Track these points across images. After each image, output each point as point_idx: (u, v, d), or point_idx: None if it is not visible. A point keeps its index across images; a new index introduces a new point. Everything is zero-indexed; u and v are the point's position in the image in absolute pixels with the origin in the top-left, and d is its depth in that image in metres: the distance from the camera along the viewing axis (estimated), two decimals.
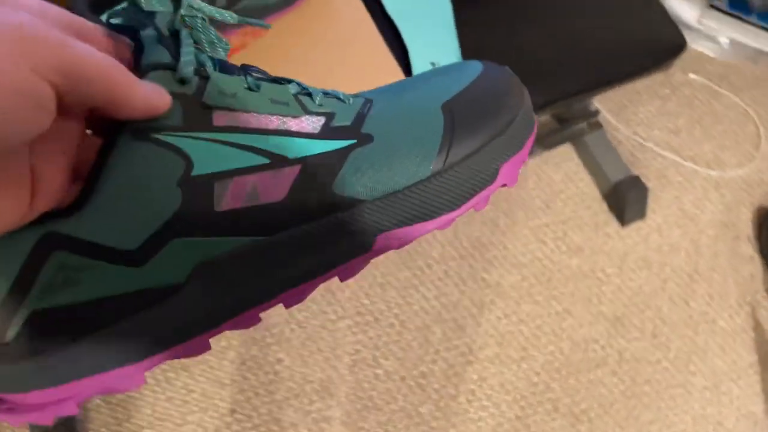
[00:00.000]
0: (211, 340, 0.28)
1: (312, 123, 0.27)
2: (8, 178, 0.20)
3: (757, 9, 1.21)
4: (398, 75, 0.59)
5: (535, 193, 1.18)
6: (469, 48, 0.66)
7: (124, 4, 0.25)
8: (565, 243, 1.15)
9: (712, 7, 1.25)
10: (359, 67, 0.58)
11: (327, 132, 0.27)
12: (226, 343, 0.97)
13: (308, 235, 0.26)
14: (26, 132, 0.19)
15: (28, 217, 0.22)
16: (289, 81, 0.28)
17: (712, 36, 1.28)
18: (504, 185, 0.30)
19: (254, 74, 0.27)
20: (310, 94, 0.28)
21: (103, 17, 0.26)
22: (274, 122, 0.26)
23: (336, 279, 0.31)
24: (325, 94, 0.29)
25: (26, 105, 0.18)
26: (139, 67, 0.24)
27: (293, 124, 0.26)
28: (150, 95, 0.22)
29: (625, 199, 1.16)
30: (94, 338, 0.24)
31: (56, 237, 0.22)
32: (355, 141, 0.27)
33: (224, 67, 0.26)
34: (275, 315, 1.00)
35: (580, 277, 1.14)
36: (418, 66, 0.61)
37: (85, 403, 0.27)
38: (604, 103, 1.27)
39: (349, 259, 0.27)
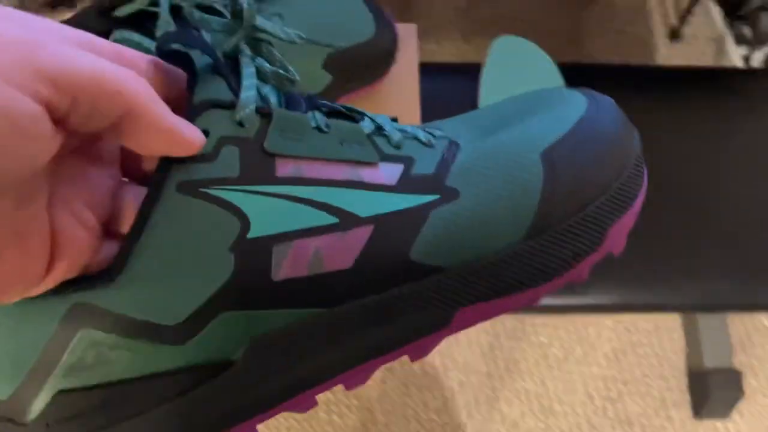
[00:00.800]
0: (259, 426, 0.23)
1: (388, 172, 0.23)
2: (18, 229, 0.17)
3: None
4: None
5: (605, 334, 0.96)
6: None
7: (171, 27, 0.25)
8: (616, 408, 0.94)
9: None
10: None
11: (406, 183, 0.23)
12: None
13: (377, 307, 0.23)
14: (10, 165, 0.15)
15: (48, 282, 0.19)
16: (362, 114, 0.25)
17: None
18: (610, 252, 0.27)
19: (323, 108, 0.24)
20: (386, 134, 0.25)
21: (149, 42, 0.25)
22: (345, 171, 0.23)
23: None
24: (403, 132, 0.25)
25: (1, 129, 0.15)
26: (191, 102, 0.21)
27: (367, 174, 0.23)
28: (177, 123, 0.19)
29: (711, 392, 0.92)
30: (126, 426, 0.21)
31: (87, 309, 0.20)
32: (438, 197, 0.24)
33: (289, 101, 0.24)
34: None
35: None
36: None
37: None
38: None
39: (424, 336, 0.24)
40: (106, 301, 0.20)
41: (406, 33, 0.49)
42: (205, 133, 0.21)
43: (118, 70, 0.18)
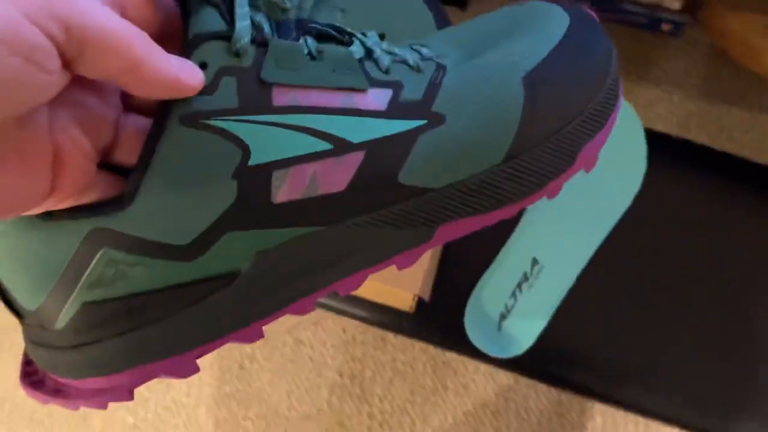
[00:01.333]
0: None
1: (378, 97, 0.24)
2: (20, 148, 0.19)
3: None
4: None
5: None
6: None
7: None
8: None
9: None
10: None
11: (394, 109, 0.25)
12: None
13: (369, 225, 0.25)
14: (22, 93, 0.17)
15: (50, 201, 0.21)
16: (351, 36, 0.26)
17: None
18: (581, 168, 0.28)
19: (312, 31, 0.25)
20: (375, 59, 0.25)
21: None
22: (339, 99, 0.24)
23: None
24: (392, 56, 0.26)
25: (17, 57, 0.16)
26: (186, 36, 0.22)
27: (358, 100, 0.24)
28: (177, 72, 0.20)
29: None
30: (147, 330, 0.23)
31: (104, 233, 0.22)
32: (425, 122, 0.25)
33: (280, 28, 0.24)
34: None
35: None
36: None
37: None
38: None
39: (410, 249, 0.26)
40: (122, 226, 0.22)
41: None
42: (203, 65, 0.22)
43: (126, 30, 0.19)
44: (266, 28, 0.23)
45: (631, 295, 0.53)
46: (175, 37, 0.24)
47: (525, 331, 0.52)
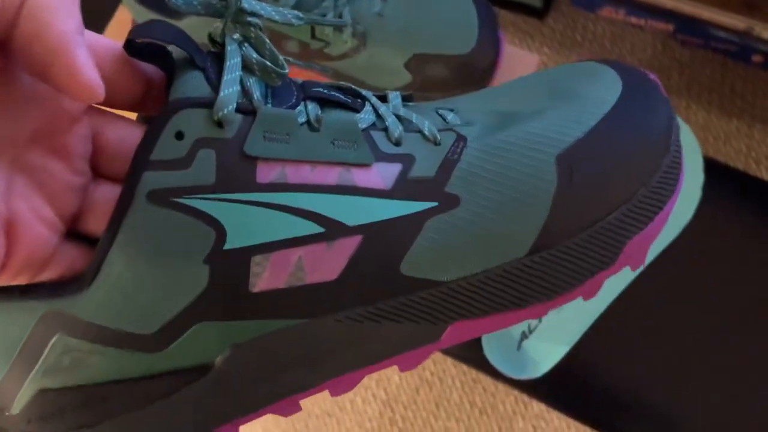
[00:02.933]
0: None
1: (383, 173, 0.22)
2: None
3: None
4: None
5: None
6: None
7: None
8: None
9: None
10: None
11: (401, 188, 0.22)
12: None
13: (365, 320, 0.22)
14: None
15: (5, 275, 0.19)
16: (364, 99, 0.23)
17: None
18: (625, 267, 0.24)
19: (317, 97, 0.22)
20: (386, 128, 0.23)
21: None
22: (335, 175, 0.21)
23: None
24: (407, 124, 0.23)
25: None
26: (165, 100, 0.20)
27: (358, 177, 0.21)
28: (84, 63, 0.18)
29: None
30: (106, 426, 0.21)
31: (59, 317, 0.20)
32: (436, 204, 0.22)
33: (278, 92, 0.22)
34: None
35: None
36: None
37: None
38: None
39: (411, 350, 0.23)
40: (78, 310, 0.20)
41: (523, 62, 0.46)
42: (180, 135, 0.20)
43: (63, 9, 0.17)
44: (257, 94, 0.21)
45: (664, 330, 0.49)
46: (157, 102, 0.22)
47: (545, 355, 0.49)
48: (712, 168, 0.51)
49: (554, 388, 0.50)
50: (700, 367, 0.49)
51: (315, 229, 0.21)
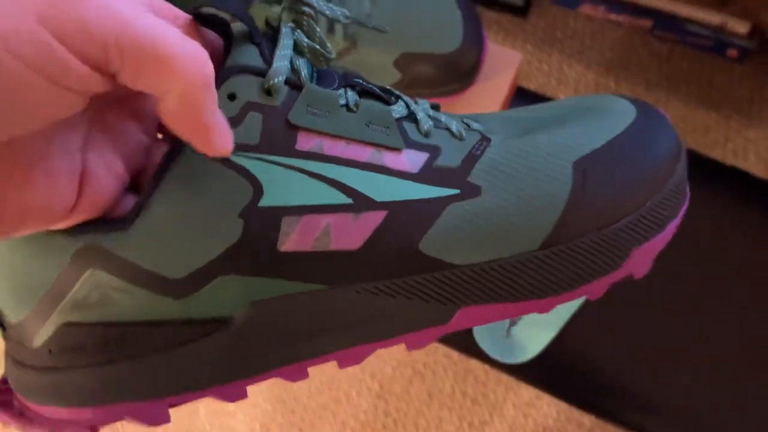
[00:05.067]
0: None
1: (412, 159, 0.23)
2: (55, 168, 0.19)
3: None
4: None
5: None
6: None
7: None
8: None
9: None
10: None
11: (427, 173, 0.23)
12: None
13: (379, 295, 0.23)
14: (44, 111, 0.16)
15: (70, 220, 0.20)
16: (398, 98, 0.25)
17: None
18: (630, 275, 0.25)
19: (357, 87, 0.24)
20: (417, 120, 0.24)
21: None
22: (367, 153, 0.23)
23: None
24: (436, 121, 0.25)
25: (42, 77, 0.15)
26: (222, 66, 0.21)
27: (389, 159, 0.23)
28: (215, 125, 0.19)
29: None
30: (120, 366, 0.22)
31: (97, 251, 0.21)
32: (458, 191, 0.23)
33: (323, 76, 0.23)
34: None
35: None
36: None
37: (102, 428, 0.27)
38: None
39: (421, 329, 0.24)
40: (116, 247, 0.21)
41: (506, 60, 0.48)
42: (232, 96, 0.21)
43: (183, 47, 0.17)
44: (305, 72, 0.23)
45: (648, 313, 0.51)
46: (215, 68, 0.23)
47: (533, 340, 0.51)
48: (691, 159, 0.53)
49: (543, 372, 0.52)
50: (683, 349, 0.51)
51: (344, 199, 0.22)
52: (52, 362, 0.22)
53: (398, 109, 0.24)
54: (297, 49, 0.23)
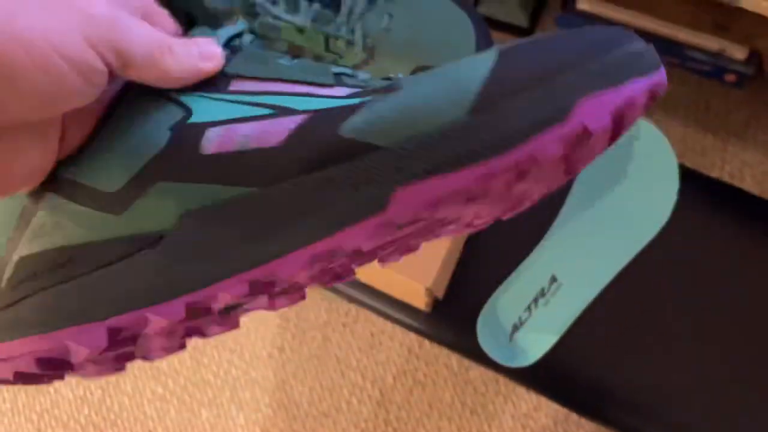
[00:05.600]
0: None
1: (341, 91, 0.24)
2: (47, 133, 0.22)
3: None
4: None
5: None
6: None
7: None
8: None
9: None
10: None
11: (353, 94, 0.24)
12: None
13: (308, 188, 0.23)
14: (73, 101, 0.21)
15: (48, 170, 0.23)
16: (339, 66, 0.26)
17: None
18: (585, 129, 0.22)
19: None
20: (354, 76, 0.25)
21: None
22: (300, 89, 0.24)
23: None
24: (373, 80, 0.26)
25: (76, 73, 0.20)
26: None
27: (321, 90, 0.24)
28: (197, 62, 0.24)
29: None
30: (66, 287, 0.23)
31: (53, 179, 0.23)
32: (381, 95, 0.23)
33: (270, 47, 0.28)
34: None
35: None
36: None
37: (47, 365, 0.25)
38: None
39: (358, 221, 0.23)
40: (65, 171, 0.23)
41: None
42: None
43: (159, 47, 0.23)
44: (247, 40, 0.25)
45: (646, 322, 0.53)
46: None
47: (535, 345, 0.53)
48: (688, 176, 0.56)
49: (544, 376, 0.54)
50: (684, 356, 0.52)
51: (267, 112, 0.24)
52: (10, 298, 0.23)
53: (336, 69, 0.26)
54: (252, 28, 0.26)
